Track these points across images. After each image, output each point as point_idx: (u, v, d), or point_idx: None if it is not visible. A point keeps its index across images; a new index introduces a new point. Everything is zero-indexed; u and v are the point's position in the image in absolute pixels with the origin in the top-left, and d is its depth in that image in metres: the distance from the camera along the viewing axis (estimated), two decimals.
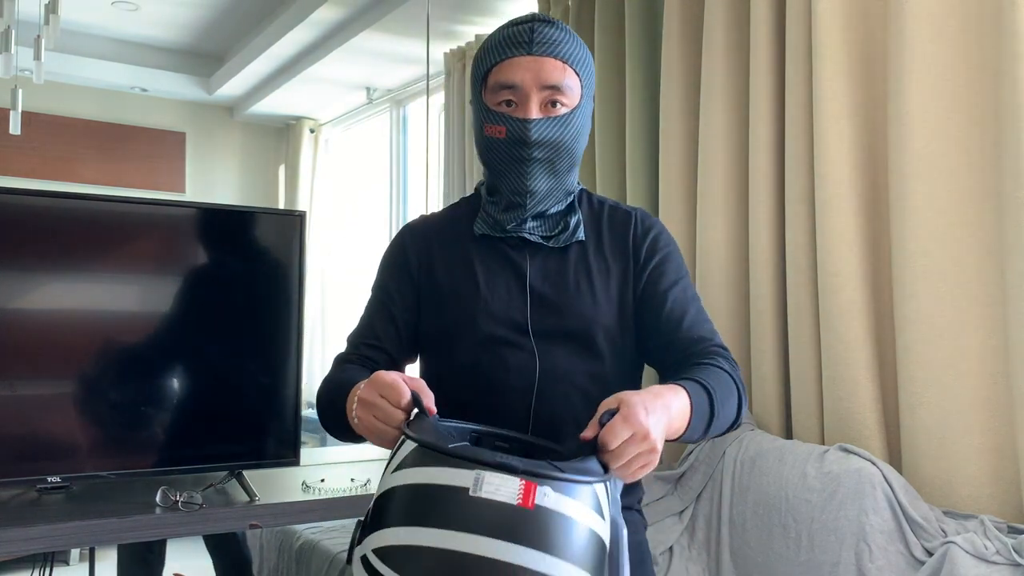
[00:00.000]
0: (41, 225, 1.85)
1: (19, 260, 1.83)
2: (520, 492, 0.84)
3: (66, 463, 1.86)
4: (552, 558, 0.82)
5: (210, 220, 2.05)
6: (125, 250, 1.94)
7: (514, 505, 0.83)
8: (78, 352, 1.88)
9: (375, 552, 0.86)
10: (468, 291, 1.19)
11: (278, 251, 2.09)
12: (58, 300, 1.86)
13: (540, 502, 0.84)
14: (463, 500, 0.83)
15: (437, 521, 0.83)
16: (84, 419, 1.88)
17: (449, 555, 0.82)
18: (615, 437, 0.89)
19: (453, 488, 0.84)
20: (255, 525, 1.86)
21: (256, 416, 2.06)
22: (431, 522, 0.83)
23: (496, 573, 0.81)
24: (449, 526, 0.82)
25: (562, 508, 0.84)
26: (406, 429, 0.93)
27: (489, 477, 0.84)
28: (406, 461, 0.89)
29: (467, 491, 0.83)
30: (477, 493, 0.83)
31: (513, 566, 0.81)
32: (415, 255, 1.24)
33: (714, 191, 2.49)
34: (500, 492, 0.83)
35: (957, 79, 1.95)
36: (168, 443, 1.97)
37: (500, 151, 1.16)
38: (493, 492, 0.83)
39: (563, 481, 0.85)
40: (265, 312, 2.07)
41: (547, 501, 0.84)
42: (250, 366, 2.05)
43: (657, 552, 2.17)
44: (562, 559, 0.83)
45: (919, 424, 1.96)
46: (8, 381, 1.81)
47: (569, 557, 0.83)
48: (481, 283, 1.18)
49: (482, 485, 0.84)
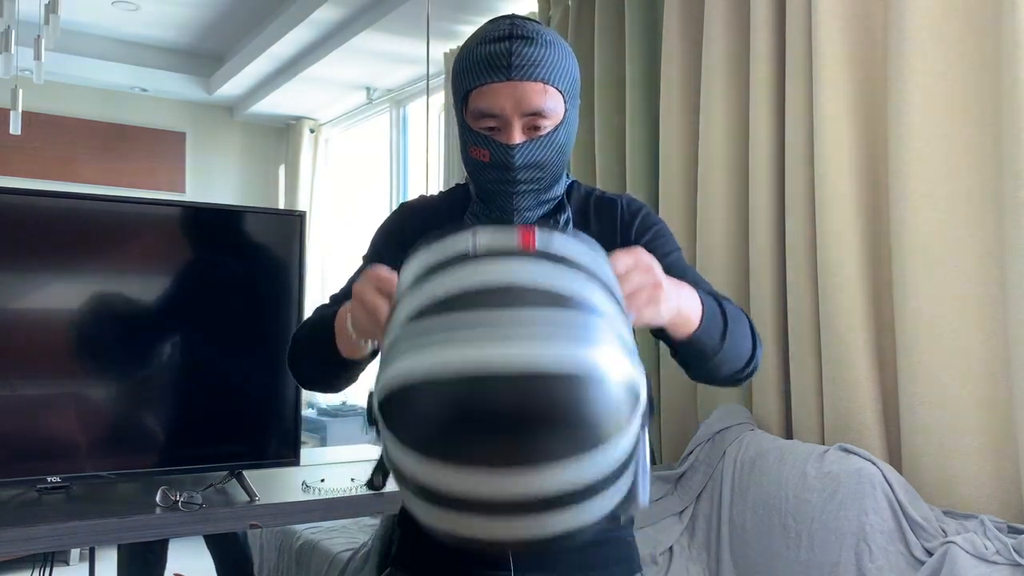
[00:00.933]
0: (41, 225, 1.85)
1: (19, 260, 1.83)
2: (519, 238, 0.79)
3: (66, 463, 1.86)
4: (567, 273, 0.76)
5: (210, 220, 2.05)
6: (125, 250, 1.94)
7: (516, 248, 0.78)
8: (78, 352, 1.88)
9: (387, 386, 0.76)
10: None
11: (278, 251, 2.09)
12: (58, 300, 1.87)
13: (543, 246, 0.79)
14: (465, 263, 0.77)
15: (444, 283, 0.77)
16: (84, 419, 1.88)
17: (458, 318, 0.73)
18: (618, 262, 0.86)
19: (453, 257, 0.79)
20: (255, 525, 1.86)
21: (256, 416, 2.06)
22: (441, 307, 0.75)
23: (508, 298, 0.73)
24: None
25: (568, 251, 0.79)
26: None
27: (484, 231, 0.80)
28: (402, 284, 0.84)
29: (467, 254, 0.78)
30: (476, 251, 0.78)
31: (519, 287, 0.74)
32: (411, 232, 1.23)
33: (714, 191, 2.49)
34: (498, 240, 0.79)
35: (957, 79, 1.95)
36: (168, 443, 1.97)
37: (486, 174, 1.16)
38: (490, 241, 0.79)
39: (566, 235, 0.81)
40: (265, 312, 2.07)
41: (552, 246, 0.79)
42: (250, 366, 2.05)
43: (657, 552, 2.17)
44: (575, 282, 0.76)
45: (919, 424, 1.96)
46: (8, 381, 1.81)
47: (582, 280, 0.76)
48: None
49: (478, 240, 0.79)
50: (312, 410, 5.03)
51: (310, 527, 3.04)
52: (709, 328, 1.02)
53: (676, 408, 2.63)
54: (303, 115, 5.77)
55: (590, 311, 0.74)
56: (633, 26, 2.89)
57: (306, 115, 5.77)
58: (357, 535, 2.95)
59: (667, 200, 2.67)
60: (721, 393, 2.47)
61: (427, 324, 0.74)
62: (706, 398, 2.52)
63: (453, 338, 0.71)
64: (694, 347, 1.02)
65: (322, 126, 5.84)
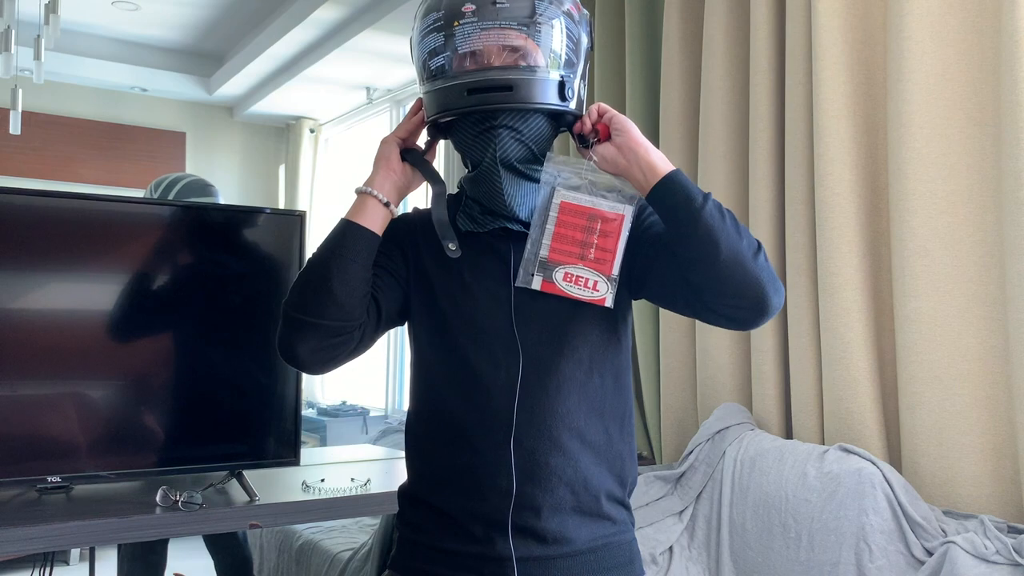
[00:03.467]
0: (41, 225, 1.85)
1: (19, 260, 1.83)
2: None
3: (66, 463, 1.86)
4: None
5: (210, 220, 2.05)
6: (125, 250, 1.94)
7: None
8: (78, 352, 1.88)
9: None
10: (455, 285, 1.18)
11: (278, 251, 2.09)
12: (58, 300, 1.87)
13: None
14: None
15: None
16: (84, 419, 1.88)
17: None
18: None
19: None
20: (255, 525, 1.86)
21: (256, 416, 2.06)
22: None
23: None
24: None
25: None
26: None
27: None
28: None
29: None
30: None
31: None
32: (408, 243, 1.24)
33: (714, 191, 2.49)
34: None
35: (957, 79, 1.96)
36: (168, 443, 1.97)
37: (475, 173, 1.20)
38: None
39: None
40: (265, 312, 2.07)
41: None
42: (250, 366, 2.05)
43: (657, 552, 2.17)
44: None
45: (919, 424, 1.96)
46: (8, 381, 1.81)
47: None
48: (466, 276, 1.18)
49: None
50: (312, 410, 5.04)
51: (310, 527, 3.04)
52: (686, 183, 1.09)
53: (676, 408, 2.63)
54: (303, 115, 5.78)
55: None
56: (633, 26, 2.89)
57: (306, 115, 5.77)
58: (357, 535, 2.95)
59: None
60: (722, 393, 2.47)
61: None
62: (706, 398, 2.52)
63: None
64: (686, 192, 1.08)
65: (322, 126, 5.84)
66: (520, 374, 1.13)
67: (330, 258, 1.14)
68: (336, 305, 1.12)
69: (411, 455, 1.22)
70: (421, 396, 1.21)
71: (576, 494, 1.13)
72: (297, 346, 1.14)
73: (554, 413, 1.13)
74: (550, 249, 1.12)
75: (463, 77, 1.12)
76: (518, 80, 1.10)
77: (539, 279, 1.11)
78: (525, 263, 1.13)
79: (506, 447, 1.12)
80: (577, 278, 1.12)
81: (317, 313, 1.12)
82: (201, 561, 2.86)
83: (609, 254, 1.11)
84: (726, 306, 1.09)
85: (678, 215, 1.08)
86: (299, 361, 1.15)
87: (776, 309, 1.10)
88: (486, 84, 1.10)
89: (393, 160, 1.22)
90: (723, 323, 1.12)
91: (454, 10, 1.12)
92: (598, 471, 1.15)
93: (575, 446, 1.13)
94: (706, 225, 1.06)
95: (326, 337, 1.13)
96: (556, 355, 1.15)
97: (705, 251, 1.06)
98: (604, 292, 1.11)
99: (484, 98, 1.11)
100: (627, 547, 1.20)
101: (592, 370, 1.16)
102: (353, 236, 1.16)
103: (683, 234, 1.08)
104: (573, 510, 1.13)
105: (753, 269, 1.07)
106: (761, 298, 1.08)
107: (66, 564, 4.22)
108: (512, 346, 1.14)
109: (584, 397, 1.15)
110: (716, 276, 1.07)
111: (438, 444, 1.17)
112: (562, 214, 1.12)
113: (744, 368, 2.46)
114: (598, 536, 1.16)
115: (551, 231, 1.12)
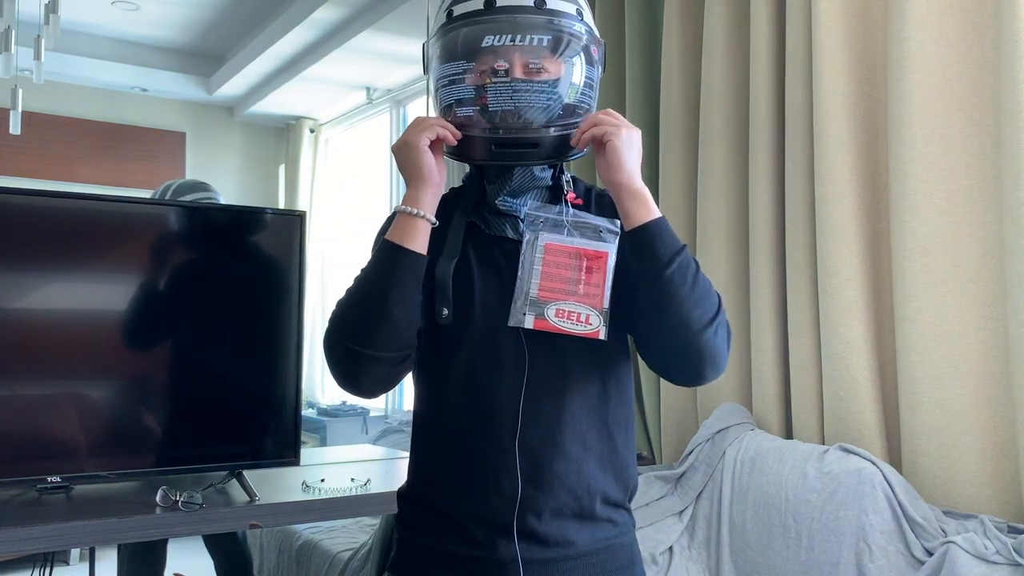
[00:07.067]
0: (41, 225, 1.85)
1: (19, 260, 1.83)
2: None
3: (66, 463, 1.86)
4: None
5: (210, 220, 2.05)
6: (125, 250, 1.94)
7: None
8: (78, 352, 1.88)
9: None
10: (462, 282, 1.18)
11: (278, 251, 2.09)
12: (58, 300, 1.87)
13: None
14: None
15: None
16: (84, 419, 1.88)
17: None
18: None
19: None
20: (255, 525, 1.86)
21: (256, 416, 2.06)
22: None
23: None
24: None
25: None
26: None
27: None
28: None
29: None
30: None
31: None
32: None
33: (714, 191, 2.49)
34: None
35: (957, 79, 1.96)
36: (168, 443, 1.97)
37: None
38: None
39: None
40: (265, 312, 2.07)
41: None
42: (250, 366, 2.05)
43: (657, 552, 2.17)
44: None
45: (919, 424, 1.96)
46: (8, 381, 1.81)
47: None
48: (475, 276, 1.18)
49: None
50: (312, 410, 5.03)
51: (310, 527, 3.04)
52: (665, 233, 1.09)
53: (676, 408, 2.63)
54: (303, 115, 5.77)
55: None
56: (633, 26, 2.89)
57: (306, 115, 5.77)
58: (357, 535, 2.95)
59: (667, 199, 2.67)
60: (722, 393, 2.47)
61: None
62: (706, 398, 2.52)
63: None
64: (652, 247, 1.08)
65: (322, 126, 5.84)
66: (525, 378, 1.14)
67: (389, 288, 1.12)
68: (399, 336, 1.11)
69: (415, 457, 1.22)
70: (426, 398, 1.21)
71: (578, 498, 1.14)
72: (362, 380, 1.13)
73: (559, 418, 1.14)
74: (539, 288, 1.13)
75: (491, 133, 1.13)
76: (545, 139, 1.13)
77: (531, 317, 1.13)
78: (515, 303, 1.14)
79: (511, 451, 1.12)
80: (569, 313, 1.13)
81: (382, 346, 1.11)
82: (201, 561, 2.85)
83: (598, 288, 1.13)
84: (660, 362, 1.15)
85: (643, 267, 1.10)
86: (363, 392, 1.16)
87: (710, 380, 1.13)
88: (515, 141, 1.13)
89: (436, 174, 1.19)
90: (657, 372, 1.17)
91: (485, 66, 1.12)
92: (601, 476, 1.15)
93: (578, 451, 1.14)
94: (663, 288, 1.07)
95: (391, 366, 1.13)
96: (561, 360, 1.15)
97: (653, 308, 1.09)
98: (597, 325, 1.13)
99: (511, 153, 1.14)
100: (628, 549, 1.20)
101: (596, 377, 1.17)
102: (410, 264, 1.13)
103: (641, 284, 1.11)
104: (574, 514, 1.14)
105: (694, 341, 1.08)
106: (696, 370, 1.11)
107: (66, 564, 4.22)
108: (518, 350, 1.14)
109: (588, 403, 1.15)
110: (656, 335, 1.11)
111: (441, 447, 1.17)
112: (548, 255, 1.15)
113: (744, 368, 2.46)
114: (599, 539, 1.16)
115: (539, 271, 1.14)
